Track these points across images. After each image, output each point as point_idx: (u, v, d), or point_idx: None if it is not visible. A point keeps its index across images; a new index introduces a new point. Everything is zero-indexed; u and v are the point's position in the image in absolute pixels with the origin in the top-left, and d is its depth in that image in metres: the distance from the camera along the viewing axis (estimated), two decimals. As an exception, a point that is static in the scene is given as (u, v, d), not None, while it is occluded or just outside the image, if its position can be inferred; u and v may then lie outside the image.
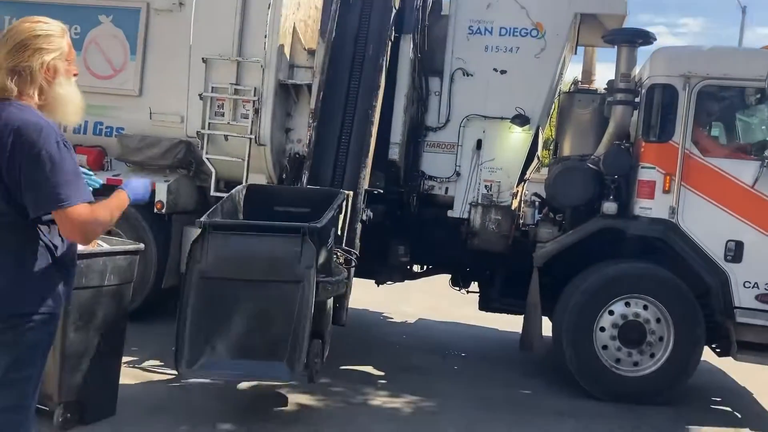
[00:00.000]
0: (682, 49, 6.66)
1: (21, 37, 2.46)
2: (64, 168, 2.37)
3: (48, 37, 2.49)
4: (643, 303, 5.93)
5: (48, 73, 2.48)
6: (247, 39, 6.69)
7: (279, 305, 4.23)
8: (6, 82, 2.42)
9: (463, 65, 6.58)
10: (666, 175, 5.96)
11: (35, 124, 2.37)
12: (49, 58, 2.47)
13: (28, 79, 2.44)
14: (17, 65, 2.43)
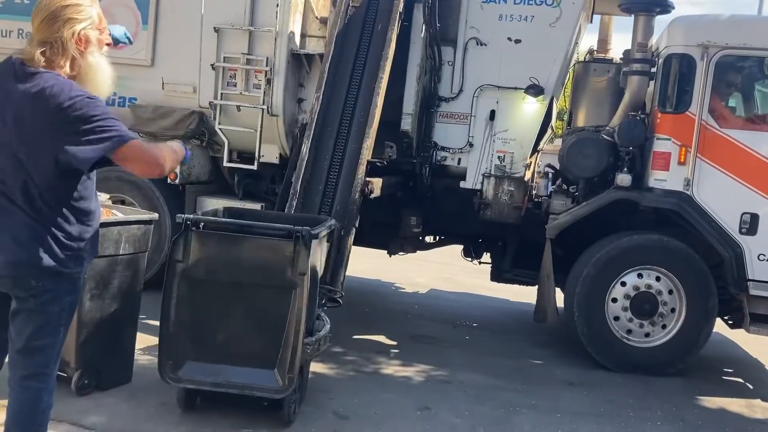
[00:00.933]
0: (701, 17, 6.52)
1: (51, 8, 2.48)
2: (108, 113, 2.46)
3: (77, 6, 2.51)
4: (655, 274, 5.93)
5: (80, 43, 2.51)
6: (259, 8, 6.62)
7: (269, 311, 4.02)
8: (35, 53, 2.45)
9: (476, 34, 6.50)
10: (681, 147, 5.90)
11: (65, 83, 2.45)
12: (79, 27, 2.50)
13: (59, 50, 2.48)
14: (48, 36, 2.47)
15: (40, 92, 2.41)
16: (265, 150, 6.78)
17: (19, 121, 2.44)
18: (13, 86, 2.46)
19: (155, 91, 6.89)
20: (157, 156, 2.58)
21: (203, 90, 6.78)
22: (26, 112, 2.43)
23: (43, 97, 2.41)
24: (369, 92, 6.03)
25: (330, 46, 6.29)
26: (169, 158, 2.66)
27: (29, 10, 2.44)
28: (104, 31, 2.64)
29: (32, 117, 2.43)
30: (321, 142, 5.92)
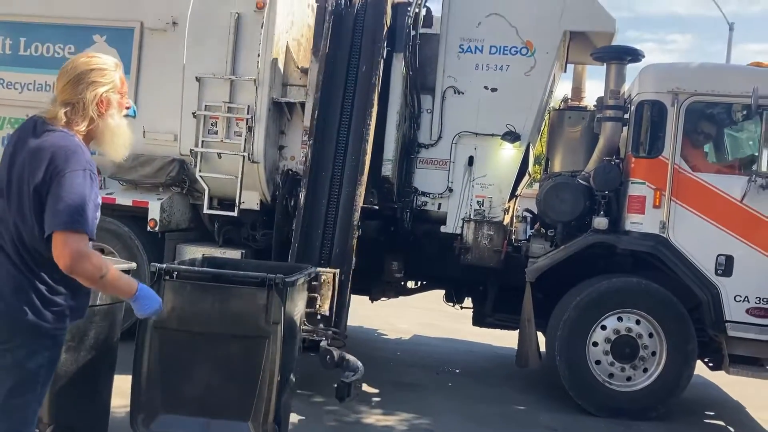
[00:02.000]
0: (670, 66, 6.74)
1: (77, 71, 2.58)
2: (81, 194, 2.44)
3: (102, 70, 2.61)
4: (635, 317, 5.97)
5: (101, 105, 2.60)
6: (240, 58, 6.74)
7: (243, 362, 3.93)
8: (59, 112, 2.54)
9: (454, 83, 6.64)
10: (656, 190, 6.01)
11: (69, 148, 2.48)
12: (102, 90, 2.59)
13: (80, 110, 2.57)
14: (72, 98, 2.56)
15: (43, 151, 2.47)
16: (246, 196, 6.81)
17: (19, 174, 2.51)
18: (29, 141, 2.53)
19: (136, 140, 6.73)
20: (94, 267, 2.45)
21: (184, 138, 6.84)
22: (26, 166, 2.50)
23: (43, 156, 2.46)
24: (358, 139, 6.23)
25: (316, 92, 6.42)
26: (111, 282, 2.54)
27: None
28: (125, 93, 2.73)
29: (29, 172, 2.48)
30: (316, 189, 6.17)
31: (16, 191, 2.51)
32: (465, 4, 6.63)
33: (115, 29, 7.03)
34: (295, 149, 6.90)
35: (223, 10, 6.75)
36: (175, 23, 6.84)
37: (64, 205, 2.42)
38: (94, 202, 2.53)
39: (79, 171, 2.45)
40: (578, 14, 6.47)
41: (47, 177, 2.44)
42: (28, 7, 7.21)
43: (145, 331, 4.00)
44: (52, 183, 2.44)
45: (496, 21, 6.55)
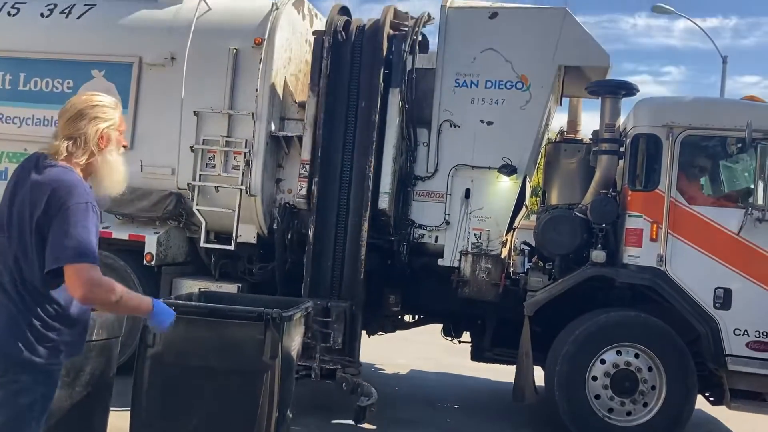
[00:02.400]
0: (665, 99, 6.81)
1: (79, 107, 2.68)
2: (84, 225, 2.49)
3: (103, 107, 2.71)
4: (634, 351, 5.93)
5: (102, 140, 2.68)
6: (238, 93, 6.80)
7: (240, 397, 3.94)
8: (61, 146, 2.61)
9: (450, 117, 6.69)
10: (653, 223, 6.02)
11: (70, 182, 2.54)
12: (103, 126, 2.68)
13: (81, 144, 2.64)
14: (74, 132, 2.64)
15: (44, 185, 2.52)
16: (243, 230, 6.80)
17: (20, 209, 2.55)
18: (30, 176, 2.58)
19: (133, 173, 6.79)
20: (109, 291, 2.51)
21: (182, 171, 6.85)
22: (27, 201, 2.53)
23: (45, 192, 2.51)
24: (361, 175, 6.46)
25: (318, 130, 6.58)
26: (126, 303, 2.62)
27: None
28: (123, 132, 2.84)
29: (31, 206, 2.52)
30: (323, 224, 6.48)
31: (17, 226, 2.54)
32: (460, 40, 6.71)
33: (114, 64, 7.11)
34: (293, 182, 6.91)
35: (221, 46, 6.83)
36: (174, 58, 6.91)
37: (72, 238, 2.45)
38: (96, 233, 2.58)
39: (82, 204, 2.50)
40: (572, 49, 6.55)
41: (50, 211, 2.48)
42: (27, 43, 7.29)
43: (144, 366, 3.97)
44: (56, 217, 2.47)
45: (492, 56, 6.62)
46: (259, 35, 6.75)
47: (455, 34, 6.72)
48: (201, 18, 6.97)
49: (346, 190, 6.54)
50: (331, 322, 6.11)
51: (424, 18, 6.90)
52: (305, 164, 6.68)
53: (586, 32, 6.60)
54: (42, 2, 7.44)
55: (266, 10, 6.92)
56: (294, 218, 6.81)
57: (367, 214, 6.39)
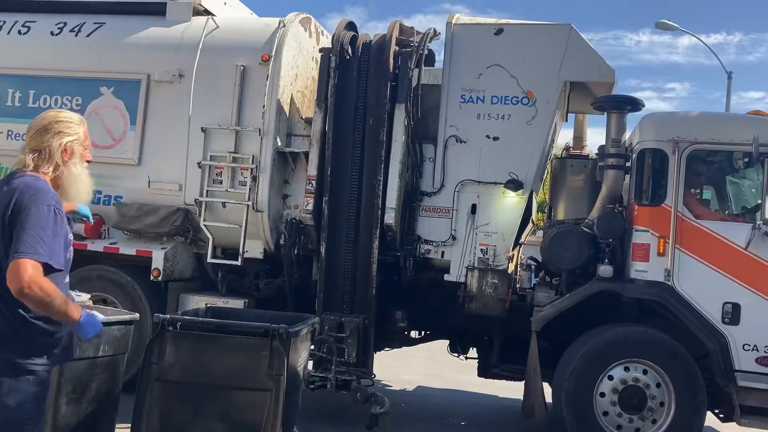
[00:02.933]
0: (671, 114, 6.82)
1: (45, 122, 2.86)
2: (43, 226, 2.60)
3: (68, 123, 2.89)
4: (642, 367, 5.89)
5: (65, 153, 2.83)
6: (245, 109, 6.84)
7: (245, 414, 3.89)
8: (27, 159, 2.79)
9: (456, 132, 6.71)
10: (660, 238, 6.00)
11: (35, 187, 2.69)
12: (67, 140, 2.84)
13: (46, 157, 2.79)
14: (39, 145, 2.81)
15: (12, 190, 2.67)
16: (250, 246, 6.81)
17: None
18: (2, 187, 2.73)
19: (141, 190, 6.98)
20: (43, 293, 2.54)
21: (189, 187, 6.88)
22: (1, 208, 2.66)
23: (12, 196, 2.66)
24: (370, 192, 6.57)
25: (328, 149, 6.65)
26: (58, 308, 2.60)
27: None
28: (88, 147, 2.96)
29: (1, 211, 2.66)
30: (335, 241, 6.60)
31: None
32: (466, 56, 6.75)
33: (122, 81, 7.16)
34: (299, 198, 6.94)
35: (228, 63, 6.89)
36: (182, 75, 6.96)
37: (26, 235, 2.57)
38: (64, 238, 2.70)
39: (44, 206, 2.63)
40: (578, 65, 6.57)
41: (15, 211, 2.62)
42: (37, 61, 7.36)
43: (147, 382, 3.95)
44: (19, 217, 2.60)
45: (497, 72, 6.65)
46: (266, 52, 6.81)
47: (461, 50, 6.75)
48: (209, 35, 7.03)
49: (355, 207, 6.62)
50: (345, 337, 6.27)
51: (430, 34, 6.95)
52: (311, 180, 6.71)
53: (591, 48, 6.64)
54: (52, 20, 7.53)
55: (273, 27, 6.99)
56: (300, 234, 6.83)
57: (377, 231, 6.49)
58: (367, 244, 6.56)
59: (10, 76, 7.45)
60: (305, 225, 6.79)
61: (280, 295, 6.93)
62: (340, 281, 6.61)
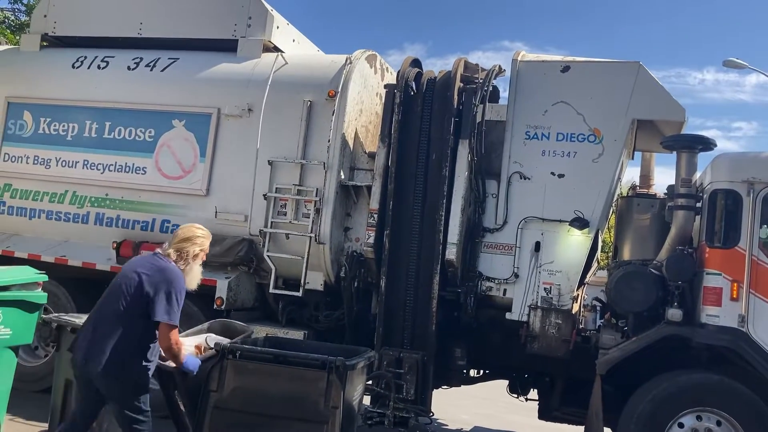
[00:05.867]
0: (744, 155, 6.62)
1: (189, 234, 4.37)
2: (178, 302, 4.05)
3: (202, 238, 4.40)
4: (716, 418, 5.63)
5: (195, 257, 4.31)
6: (311, 143, 6.97)
7: None
8: (172, 253, 4.25)
9: (520, 169, 6.66)
10: (733, 282, 5.78)
11: (176, 273, 4.15)
12: (198, 249, 4.35)
13: (184, 256, 4.27)
14: (180, 248, 4.29)
15: (162, 269, 4.12)
16: (311, 277, 6.87)
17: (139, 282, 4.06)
18: (153, 261, 4.18)
19: (208, 219, 7.12)
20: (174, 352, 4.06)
21: (254, 218, 7.02)
22: (149, 276, 4.07)
23: (161, 273, 4.09)
24: (432, 228, 6.59)
25: (390, 183, 6.74)
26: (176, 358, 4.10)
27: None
28: (206, 252, 4.43)
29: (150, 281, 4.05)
30: (395, 276, 6.65)
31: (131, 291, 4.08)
32: (531, 93, 6.74)
33: (194, 114, 7.42)
34: (361, 231, 6.99)
35: (296, 98, 7.06)
36: (251, 110, 7.16)
37: (169, 306, 3.99)
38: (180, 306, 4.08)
39: (179, 287, 4.08)
40: (647, 103, 6.47)
41: (160, 286, 4.03)
42: (114, 94, 7.70)
43: (206, 409, 3.99)
44: (164, 291, 4.02)
45: (563, 109, 6.61)
46: (332, 88, 6.95)
47: (526, 86, 6.75)
48: (278, 71, 7.23)
49: (416, 242, 6.62)
50: (404, 373, 6.22)
51: (495, 70, 6.98)
52: (373, 213, 6.76)
53: (661, 86, 6.53)
54: (129, 56, 7.88)
55: (340, 64, 7.14)
56: (361, 267, 6.85)
57: (437, 267, 6.47)
58: (427, 280, 6.54)
59: (89, 108, 7.80)
60: (366, 258, 6.81)
61: (339, 328, 6.94)
62: (400, 316, 6.60)
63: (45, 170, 7.84)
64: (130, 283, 4.04)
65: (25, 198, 7.89)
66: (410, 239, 6.64)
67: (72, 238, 7.70)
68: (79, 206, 7.68)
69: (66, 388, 4.95)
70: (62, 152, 7.79)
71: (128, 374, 3.94)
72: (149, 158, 7.46)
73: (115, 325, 3.95)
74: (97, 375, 3.91)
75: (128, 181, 7.52)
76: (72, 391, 4.87)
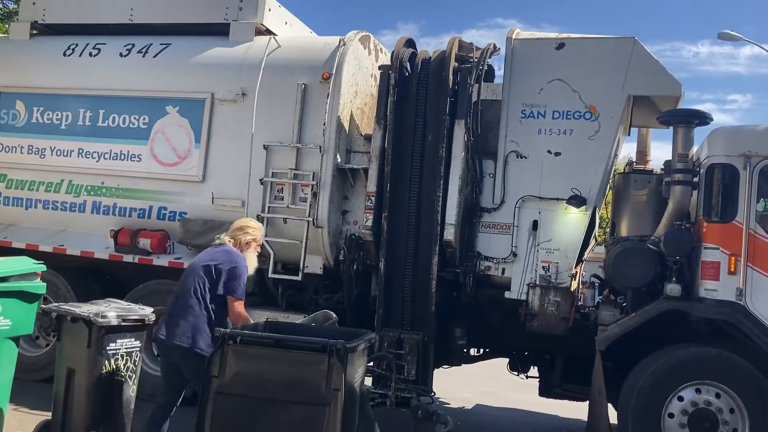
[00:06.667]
0: (740, 128, 6.58)
1: (242, 224, 5.05)
2: (242, 279, 4.72)
3: (254, 228, 5.06)
4: (715, 390, 5.68)
5: (247, 245, 4.94)
6: (306, 127, 6.94)
7: (303, 428, 3.92)
8: (227, 239, 4.93)
9: (516, 148, 6.64)
10: (731, 256, 5.80)
11: (238, 254, 4.84)
12: (249, 238, 4.97)
13: (238, 243, 4.92)
14: (234, 237, 4.95)
15: (228, 251, 4.84)
16: (310, 261, 6.88)
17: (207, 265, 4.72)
18: (217, 248, 4.89)
19: (205, 206, 7.14)
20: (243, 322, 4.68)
21: (251, 203, 7.00)
22: (215, 259, 4.75)
23: (226, 254, 4.81)
24: (430, 209, 6.57)
25: (387, 165, 6.69)
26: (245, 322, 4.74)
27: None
28: (260, 243, 5.11)
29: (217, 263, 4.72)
30: (393, 257, 6.65)
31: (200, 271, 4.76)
32: (526, 71, 6.69)
33: (187, 100, 7.37)
34: (359, 214, 6.98)
35: (290, 82, 7.01)
36: (245, 94, 7.11)
37: (237, 283, 4.70)
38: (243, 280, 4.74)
39: (243, 266, 4.77)
40: (642, 79, 6.43)
41: (227, 266, 4.70)
42: (107, 82, 7.65)
43: (208, 395, 4.01)
44: (231, 270, 4.69)
45: (559, 86, 6.57)
46: (326, 70, 6.90)
47: (521, 65, 6.70)
48: (271, 55, 7.18)
49: (414, 224, 6.61)
50: (405, 354, 6.26)
51: (489, 49, 6.93)
52: (371, 196, 6.74)
53: (657, 61, 6.49)
54: (121, 42, 7.81)
55: (333, 46, 7.09)
56: (360, 249, 6.86)
57: (436, 247, 6.47)
58: (426, 261, 6.55)
59: (82, 96, 7.76)
60: (364, 241, 6.81)
61: (339, 311, 6.94)
62: (399, 297, 6.61)
63: (40, 160, 7.80)
64: (201, 266, 4.71)
65: (20, 188, 7.87)
66: (408, 221, 6.64)
67: (69, 227, 7.69)
68: (76, 195, 7.65)
69: (68, 377, 4.97)
70: (56, 141, 7.75)
71: (198, 347, 4.45)
72: (144, 145, 7.42)
73: (189, 304, 4.59)
74: (174, 349, 4.53)
75: (124, 169, 7.49)
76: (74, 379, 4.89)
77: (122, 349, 5.04)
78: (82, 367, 4.89)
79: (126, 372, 5.07)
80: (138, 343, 5.18)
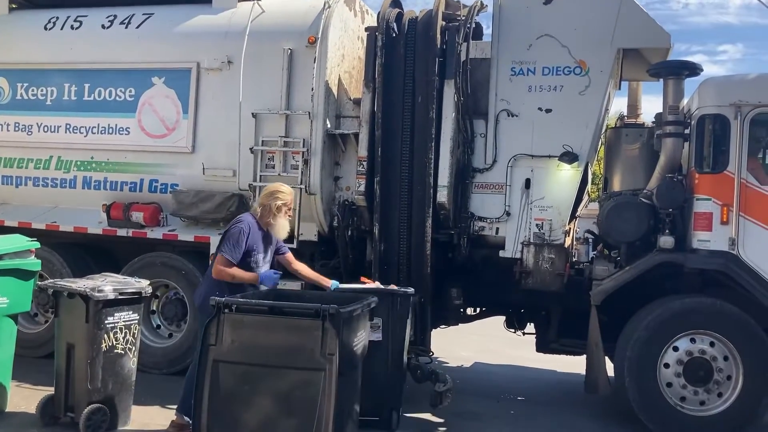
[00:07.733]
0: (730, 78, 6.55)
1: (272, 189, 5.19)
2: (233, 239, 4.92)
3: (284, 193, 5.15)
4: (709, 339, 5.76)
5: (278, 210, 5.08)
6: (294, 93, 6.87)
7: (300, 395, 3.94)
8: (256, 206, 5.20)
9: (507, 106, 6.60)
10: (723, 206, 5.83)
11: (243, 217, 5.13)
12: (280, 203, 5.10)
13: (268, 209, 5.09)
14: (264, 202, 5.12)
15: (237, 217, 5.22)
16: (304, 228, 6.88)
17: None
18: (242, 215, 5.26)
19: (196, 177, 7.10)
20: (222, 276, 4.91)
21: (242, 173, 6.97)
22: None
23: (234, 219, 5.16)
24: (422, 171, 6.54)
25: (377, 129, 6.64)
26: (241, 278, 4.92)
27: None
28: (291, 208, 5.24)
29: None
30: (387, 221, 6.64)
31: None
32: (515, 28, 6.61)
33: (173, 71, 7.28)
34: (351, 180, 6.96)
35: (276, 47, 6.92)
36: (230, 62, 7.03)
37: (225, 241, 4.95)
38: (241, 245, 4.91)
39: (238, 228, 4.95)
40: (631, 31, 6.37)
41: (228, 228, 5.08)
42: (91, 55, 7.54)
43: (205, 363, 4.05)
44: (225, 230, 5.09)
45: (548, 42, 6.50)
46: (312, 34, 6.81)
47: (509, 21, 6.62)
48: (255, 21, 7.07)
49: (406, 187, 6.59)
50: None
51: (477, 6, 6.84)
52: (362, 161, 6.72)
53: (645, 13, 6.41)
54: (103, 14, 7.68)
55: (318, 9, 6.98)
56: (353, 215, 6.86)
57: (429, 209, 6.47)
58: (420, 223, 6.56)
59: (66, 70, 7.65)
60: (358, 206, 6.81)
61: (336, 277, 6.97)
62: (395, 261, 6.63)
63: (27, 137, 7.73)
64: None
65: (9, 166, 7.81)
66: (401, 184, 6.61)
67: (61, 203, 7.66)
68: (66, 171, 7.61)
69: (68, 352, 5.01)
70: (43, 117, 7.67)
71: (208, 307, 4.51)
72: (132, 118, 7.36)
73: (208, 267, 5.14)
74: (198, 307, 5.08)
75: (113, 143, 7.44)
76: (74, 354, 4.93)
77: (120, 322, 5.08)
78: (82, 341, 4.94)
79: (125, 345, 5.13)
80: (136, 315, 5.22)
